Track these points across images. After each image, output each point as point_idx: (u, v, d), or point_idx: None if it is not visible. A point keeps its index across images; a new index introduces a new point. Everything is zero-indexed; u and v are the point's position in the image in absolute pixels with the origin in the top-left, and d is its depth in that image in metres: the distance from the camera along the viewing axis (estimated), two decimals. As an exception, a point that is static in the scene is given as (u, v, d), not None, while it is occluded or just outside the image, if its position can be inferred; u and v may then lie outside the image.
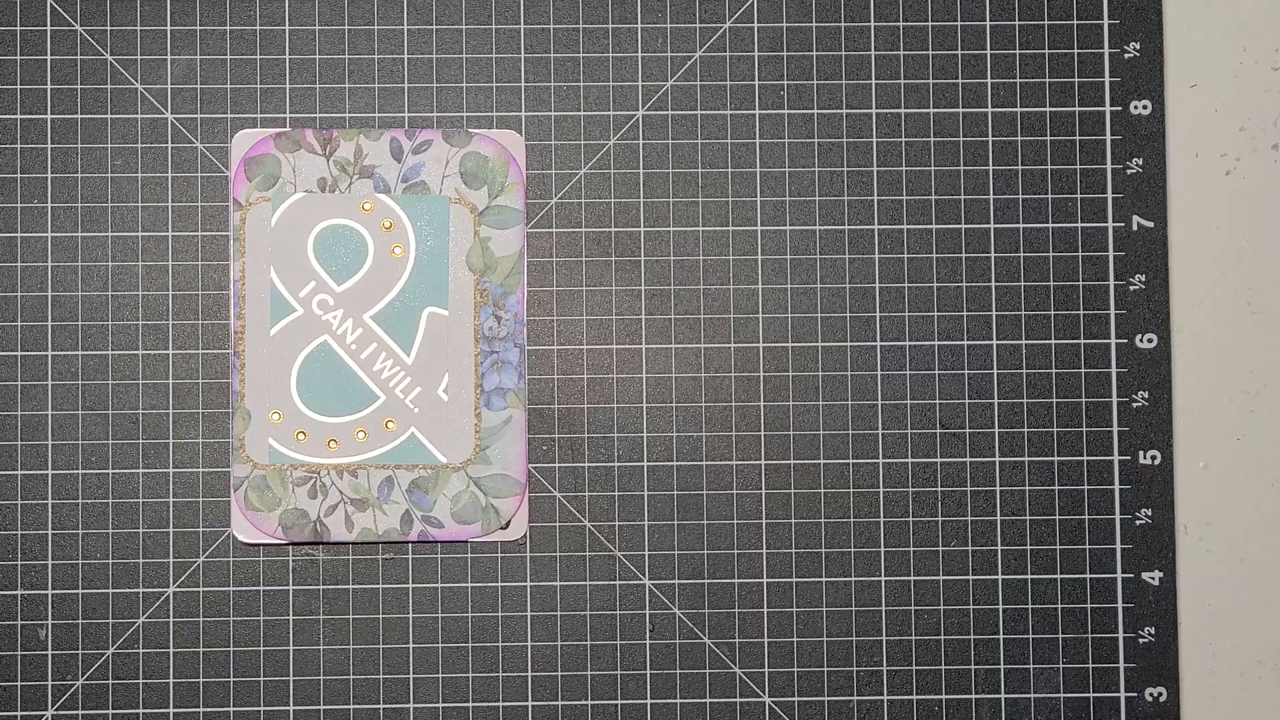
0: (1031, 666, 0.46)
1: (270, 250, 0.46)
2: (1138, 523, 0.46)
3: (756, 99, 0.47)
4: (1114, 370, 0.47)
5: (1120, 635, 0.46)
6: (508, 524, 0.46)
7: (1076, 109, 0.47)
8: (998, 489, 0.46)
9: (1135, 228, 0.47)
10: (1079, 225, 0.47)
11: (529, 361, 0.46)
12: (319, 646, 0.46)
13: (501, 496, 0.46)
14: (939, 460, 0.46)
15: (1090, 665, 0.46)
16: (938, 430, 0.46)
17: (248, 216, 0.46)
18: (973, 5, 0.47)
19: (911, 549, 0.46)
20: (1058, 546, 0.46)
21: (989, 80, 0.47)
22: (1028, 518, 0.46)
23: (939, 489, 0.46)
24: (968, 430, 0.46)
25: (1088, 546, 0.46)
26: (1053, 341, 0.47)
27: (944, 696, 0.46)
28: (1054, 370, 0.47)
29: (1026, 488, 0.46)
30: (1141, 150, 0.47)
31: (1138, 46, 0.47)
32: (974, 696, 0.46)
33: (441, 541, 0.46)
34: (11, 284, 0.46)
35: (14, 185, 0.46)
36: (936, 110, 0.47)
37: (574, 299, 0.46)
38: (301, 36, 0.47)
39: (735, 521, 0.46)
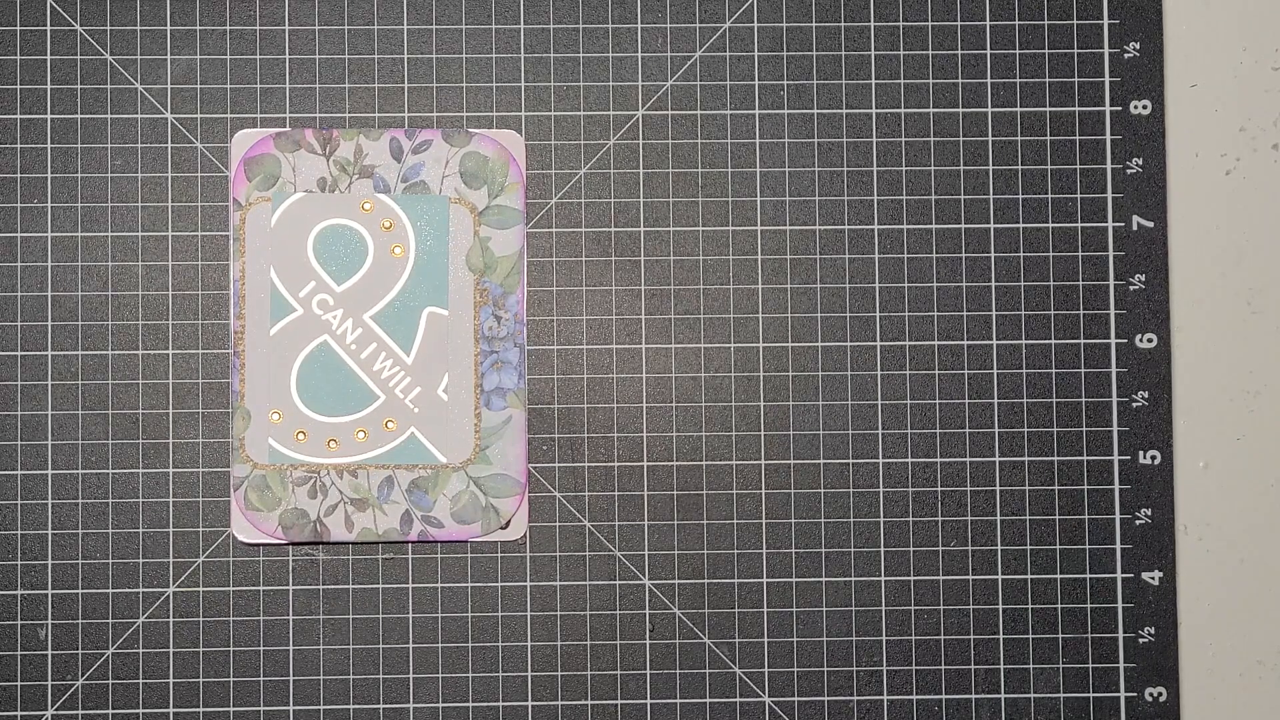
0: (1031, 666, 0.46)
1: (270, 250, 0.46)
2: (1138, 523, 0.46)
3: (756, 99, 0.47)
4: (1114, 370, 0.47)
5: (1120, 635, 0.46)
6: (508, 524, 0.46)
7: (1076, 109, 0.47)
8: (998, 489, 0.46)
9: (1135, 228, 0.47)
10: (1079, 225, 0.47)
11: (529, 361, 0.46)
12: (319, 646, 0.46)
13: (501, 496, 0.46)
14: (939, 460, 0.46)
15: (1090, 665, 0.46)
16: (938, 430, 0.46)
17: (248, 216, 0.46)
18: (973, 5, 0.47)
19: (911, 549, 0.46)
20: (1058, 546, 0.46)
21: (989, 80, 0.47)
22: (1028, 518, 0.46)
23: (939, 489, 0.46)
24: (968, 430, 0.46)
25: (1088, 546, 0.46)
26: (1053, 341, 0.47)
27: (944, 696, 0.46)
28: (1054, 370, 0.47)
29: (1026, 488, 0.46)
30: (1141, 150, 0.47)
31: (1138, 46, 0.47)
32: (974, 696, 0.46)
33: (441, 541, 0.46)
34: (11, 284, 0.46)
35: (14, 185, 0.46)
36: (936, 110, 0.47)
37: (574, 299, 0.46)
38: (301, 36, 0.47)
39: (735, 521, 0.46)
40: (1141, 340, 0.47)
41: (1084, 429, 0.46)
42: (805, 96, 0.47)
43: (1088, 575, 0.46)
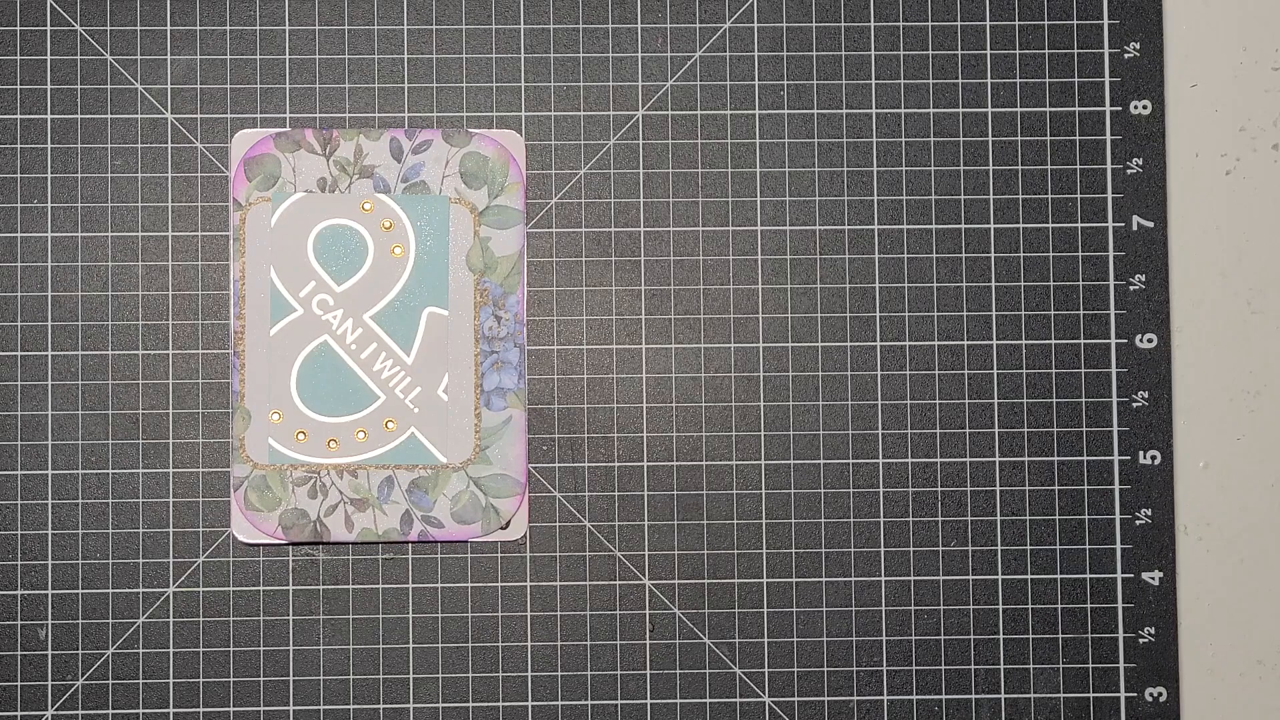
0: (1031, 666, 0.46)
1: (270, 250, 0.46)
2: (1138, 523, 0.46)
3: (756, 99, 0.47)
4: (1114, 370, 0.47)
5: (1120, 635, 0.46)
6: (508, 524, 0.46)
7: (1076, 109, 0.47)
8: (998, 489, 0.46)
9: (1135, 228, 0.47)
10: (1079, 225, 0.47)
11: (529, 361, 0.46)
12: (319, 646, 0.46)
13: (501, 496, 0.46)
14: (939, 460, 0.46)
15: (1090, 665, 0.46)
16: (938, 430, 0.46)
17: (248, 216, 0.46)
18: (973, 5, 0.47)
19: (911, 549, 0.46)
20: (1058, 546, 0.46)
21: (989, 80, 0.47)
22: (1028, 518, 0.46)
23: (939, 489, 0.46)
24: (968, 430, 0.46)
25: (1088, 546, 0.46)
26: (1053, 341, 0.47)
27: (944, 696, 0.46)
28: (1054, 370, 0.47)
29: (1026, 488, 0.46)
30: (1141, 150, 0.47)
31: (1138, 46, 0.47)
32: (974, 696, 0.46)
33: (441, 541, 0.46)
34: (11, 284, 0.46)
35: (14, 185, 0.46)
36: (936, 110, 0.47)
37: (574, 299, 0.46)
38: (301, 36, 0.47)
39: (735, 521, 0.46)
40: (1141, 340, 0.47)
41: (1084, 429, 0.46)
42: (805, 96, 0.47)
43: (1088, 575, 0.46)
